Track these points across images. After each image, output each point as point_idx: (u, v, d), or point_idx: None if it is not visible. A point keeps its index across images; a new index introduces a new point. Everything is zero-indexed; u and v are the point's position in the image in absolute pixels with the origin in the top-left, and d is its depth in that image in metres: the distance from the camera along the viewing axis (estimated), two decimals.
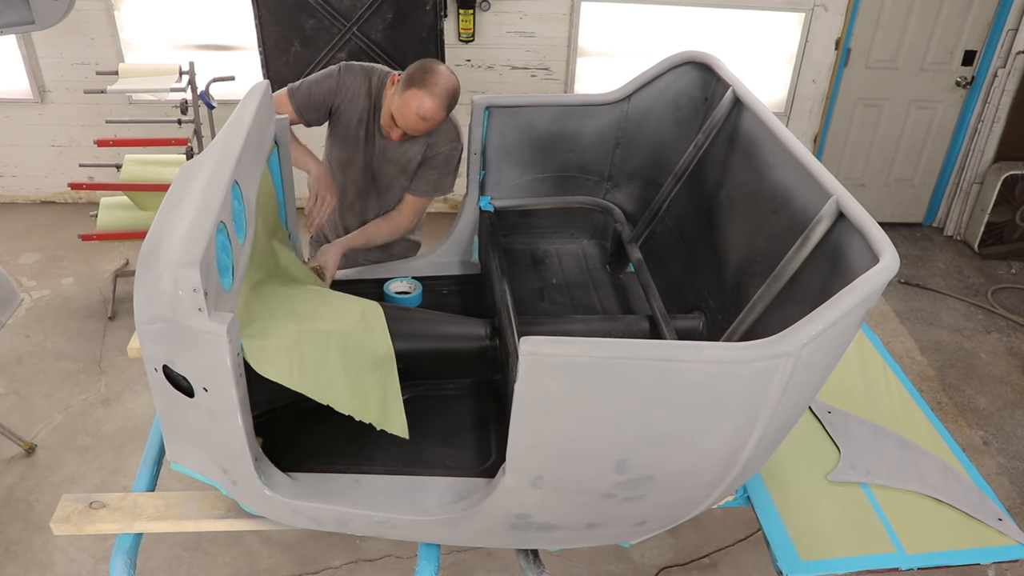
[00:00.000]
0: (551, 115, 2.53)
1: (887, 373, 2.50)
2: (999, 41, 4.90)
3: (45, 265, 4.49)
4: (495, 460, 1.93)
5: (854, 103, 5.14)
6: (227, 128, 1.86)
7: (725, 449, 1.54)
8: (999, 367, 4.14)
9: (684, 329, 2.28)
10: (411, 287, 2.47)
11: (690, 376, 1.40)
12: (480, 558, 2.86)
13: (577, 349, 1.36)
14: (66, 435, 3.30)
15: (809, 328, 1.39)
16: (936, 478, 2.11)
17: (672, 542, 2.98)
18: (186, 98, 4.10)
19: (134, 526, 1.80)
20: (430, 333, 2.24)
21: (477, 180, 2.59)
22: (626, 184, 2.70)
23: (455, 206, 5.11)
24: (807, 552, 1.87)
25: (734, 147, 2.27)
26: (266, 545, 2.89)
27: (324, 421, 1.89)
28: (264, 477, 1.69)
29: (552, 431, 1.49)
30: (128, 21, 4.68)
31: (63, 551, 2.80)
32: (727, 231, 2.25)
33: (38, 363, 3.71)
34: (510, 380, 1.86)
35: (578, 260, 2.79)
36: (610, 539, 1.85)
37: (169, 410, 1.64)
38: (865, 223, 1.61)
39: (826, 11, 4.78)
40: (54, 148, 5.03)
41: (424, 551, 1.83)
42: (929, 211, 5.58)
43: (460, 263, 2.65)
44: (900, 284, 4.87)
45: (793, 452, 2.13)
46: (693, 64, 2.47)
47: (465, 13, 4.57)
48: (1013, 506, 3.24)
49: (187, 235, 1.47)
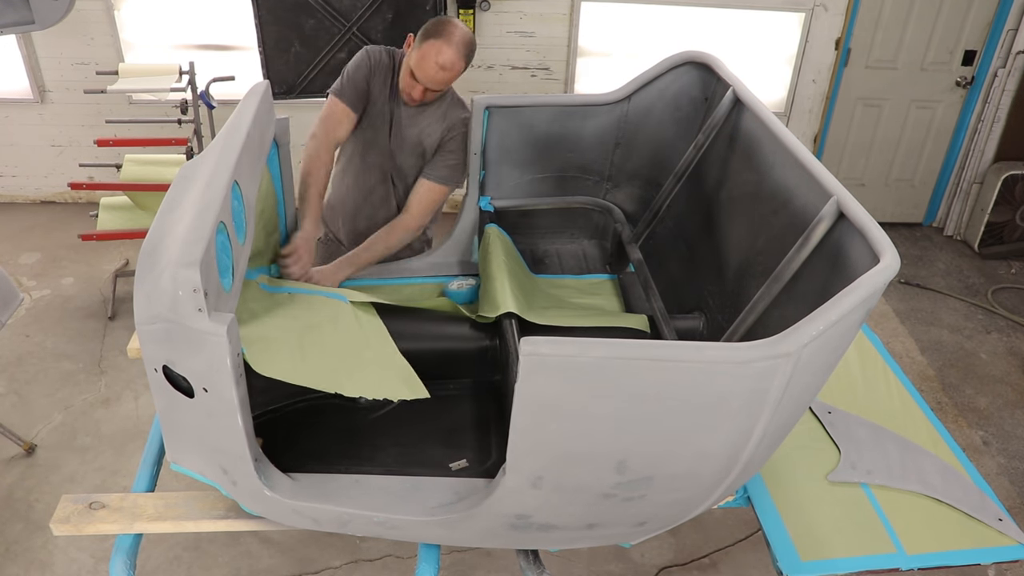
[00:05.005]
0: (551, 115, 2.53)
1: (887, 373, 2.50)
2: (999, 41, 4.90)
3: (45, 265, 4.49)
4: (495, 460, 1.93)
5: (854, 103, 5.14)
6: (227, 128, 1.86)
7: (725, 449, 1.54)
8: (999, 367, 4.14)
9: (684, 329, 2.28)
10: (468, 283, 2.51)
11: (690, 376, 1.40)
12: (480, 558, 2.86)
13: (577, 349, 1.36)
14: (66, 435, 3.30)
15: (809, 328, 1.39)
16: (936, 478, 2.11)
17: (672, 542, 2.98)
18: (186, 98, 4.10)
19: (134, 526, 1.80)
20: (430, 333, 2.24)
21: (477, 180, 2.59)
22: (626, 184, 2.70)
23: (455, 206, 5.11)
24: (807, 552, 1.87)
25: (734, 147, 2.27)
26: (266, 545, 2.89)
27: (324, 421, 1.89)
28: (264, 477, 1.69)
29: (552, 431, 1.49)
30: (128, 21, 4.68)
31: (63, 551, 2.80)
32: (727, 231, 2.25)
33: (38, 363, 3.71)
34: (510, 380, 1.86)
35: (578, 260, 2.79)
36: (610, 539, 1.85)
37: (169, 410, 1.64)
38: (865, 223, 1.61)
39: (826, 11, 4.78)
40: (54, 148, 5.03)
41: (424, 551, 1.82)
42: (929, 211, 5.58)
43: (460, 263, 2.65)
44: (900, 284, 4.87)
45: (793, 452, 2.13)
46: (693, 64, 2.47)
47: (465, 13, 4.57)
48: (1013, 506, 3.23)
49: (187, 235, 1.47)
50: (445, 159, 2.54)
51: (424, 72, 2.34)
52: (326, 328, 1.96)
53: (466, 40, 2.35)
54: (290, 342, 1.77)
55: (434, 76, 2.34)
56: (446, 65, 2.32)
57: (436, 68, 2.32)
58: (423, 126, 2.53)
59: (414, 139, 2.54)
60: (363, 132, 2.57)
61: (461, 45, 2.33)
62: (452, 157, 2.54)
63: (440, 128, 2.53)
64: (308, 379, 1.72)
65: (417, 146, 2.56)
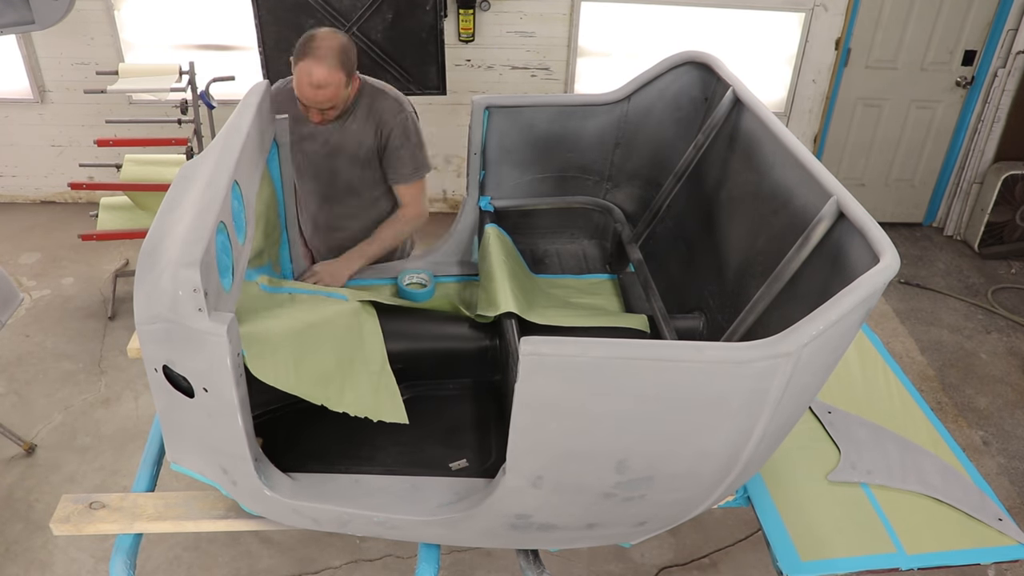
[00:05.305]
0: (551, 115, 2.52)
1: (887, 373, 2.50)
2: (999, 41, 4.90)
3: (45, 265, 4.49)
4: (495, 460, 1.93)
5: (854, 103, 5.14)
6: (227, 128, 1.86)
7: (725, 449, 1.54)
8: (999, 367, 4.14)
9: (684, 329, 2.28)
10: (425, 280, 2.44)
11: (690, 376, 1.40)
12: (480, 558, 2.86)
13: (577, 349, 1.36)
14: (66, 435, 3.30)
15: (809, 328, 1.39)
16: (936, 478, 2.11)
17: (672, 542, 2.98)
18: (186, 98, 4.10)
19: (134, 526, 1.80)
20: (430, 333, 2.24)
21: (477, 180, 2.59)
22: (626, 184, 2.70)
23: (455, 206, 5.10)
24: (807, 552, 1.87)
25: (734, 147, 2.27)
26: (266, 545, 2.89)
27: (324, 421, 1.89)
28: (264, 477, 1.69)
29: (552, 431, 1.49)
30: (128, 21, 4.68)
31: (63, 551, 2.80)
32: (727, 231, 2.25)
33: (38, 363, 3.71)
34: (510, 380, 1.86)
35: (578, 260, 2.79)
36: (610, 539, 1.85)
37: (169, 410, 1.64)
38: (865, 223, 1.61)
39: (826, 11, 4.78)
40: (54, 148, 5.03)
41: (424, 551, 1.82)
42: (929, 211, 5.57)
43: (460, 263, 2.65)
44: (900, 284, 4.87)
45: (793, 452, 2.13)
46: (693, 64, 2.47)
47: (465, 13, 4.57)
48: (1013, 506, 3.23)
49: (187, 235, 1.47)
50: (398, 156, 2.49)
51: (304, 95, 2.27)
52: (324, 330, 1.96)
53: (334, 49, 2.24)
54: (286, 347, 1.77)
55: (314, 97, 2.26)
56: (320, 83, 2.23)
57: (312, 89, 2.24)
58: (350, 134, 2.46)
59: (351, 151, 2.49)
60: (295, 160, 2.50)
61: (329, 57, 2.23)
62: (403, 150, 2.48)
63: (371, 128, 2.46)
64: (297, 389, 1.72)
65: (355, 157, 2.50)
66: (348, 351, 1.96)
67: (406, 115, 2.48)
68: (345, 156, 2.50)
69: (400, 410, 1.92)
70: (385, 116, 2.45)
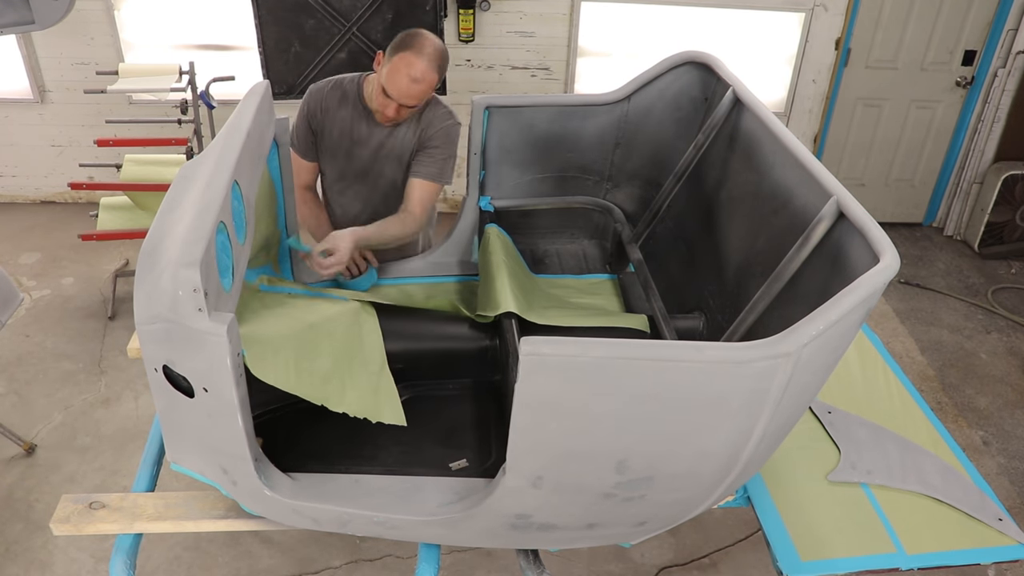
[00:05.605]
0: (551, 115, 2.52)
1: (887, 373, 2.50)
2: (999, 41, 4.90)
3: (45, 265, 4.49)
4: (495, 460, 1.93)
5: (854, 103, 5.14)
6: (227, 128, 1.85)
7: (725, 449, 1.54)
8: (999, 367, 4.14)
9: (684, 329, 2.28)
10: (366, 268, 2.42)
11: (690, 376, 1.40)
12: (480, 558, 2.86)
13: (577, 349, 1.36)
14: (66, 435, 3.30)
15: (809, 328, 1.39)
16: (936, 478, 2.11)
17: (672, 542, 2.98)
18: (186, 98, 4.10)
19: (134, 526, 1.80)
20: (430, 333, 2.24)
21: (477, 180, 2.59)
22: (626, 184, 2.70)
23: (455, 206, 5.11)
24: (807, 552, 1.87)
25: (734, 147, 2.27)
26: (266, 545, 2.89)
27: (324, 421, 1.89)
28: (264, 477, 1.69)
29: (552, 431, 1.49)
30: (128, 21, 4.68)
31: (63, 551, 2.80)
32: (727, 231, 2.25)
33: (38, 363, 3.71)
34: (510, 380, 1.86)
35: (578, 260, 2.79)
36: (610, 539, 1.85)
37: (169, 410, 1.64)
38: (865, 223, 1.60)
39: (826, 11, 4.78)
40: (54, 148, 5.03)
41: (424, 551, 1.82)
42: (929, 211, 5.58)
43: (460, 263, 2.65)
44: (900, 284, 4.87)
45: (793, 452, 2.13)
46: (693, 64, 2.47)
47: (465, 13, 4.57)
48: (1013, 506, 3.23)
49: (187, 235, 1.47)
50: (431, 155, 2.49)
51: (396, 86, 2.27)
52: (324, 330, 1.96)
53: (438, 50, 2.29)
54: (286, 346, 1.77)
55: (407, 90, 2.27)
56: (418, 77, 2.25)
57: (408, 81, 2.25)
58: (399, 137, 2.49)
59: (397, 153, 2.51)
60: (330, 169, 2.57)
61: (432, 57, 2.27)
62: (439, 152, 2.49)
63: (417, 130, 2.48)
64: (297, 389, 1.72)
65: (401, 159, 2.53)
66: (348, 351, 1.97)
67: (455, 124, 2.52)
68: (392, 157, 2.53)
69: (399, 412, 1.92)
70: (434, 120, 2.49)
